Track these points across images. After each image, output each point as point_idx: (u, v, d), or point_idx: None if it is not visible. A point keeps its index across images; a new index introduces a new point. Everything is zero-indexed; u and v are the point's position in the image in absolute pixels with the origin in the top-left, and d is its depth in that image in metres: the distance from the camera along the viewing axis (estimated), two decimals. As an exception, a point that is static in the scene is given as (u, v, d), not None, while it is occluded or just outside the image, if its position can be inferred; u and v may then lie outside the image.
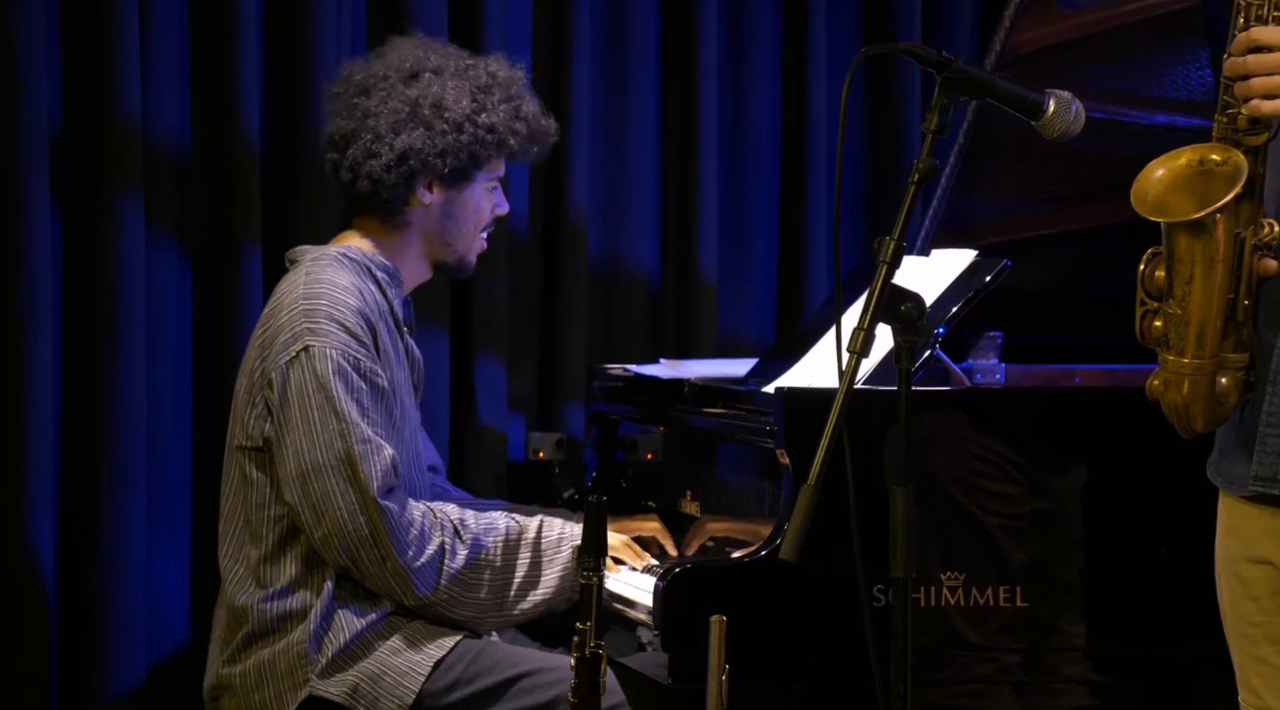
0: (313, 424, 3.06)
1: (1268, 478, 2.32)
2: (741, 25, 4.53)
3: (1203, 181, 2.27)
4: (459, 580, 3.12)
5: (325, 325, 3.09)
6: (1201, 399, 2.31)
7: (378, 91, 3.23)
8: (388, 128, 3.20)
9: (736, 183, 4.54)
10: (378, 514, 3.04)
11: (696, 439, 3.67)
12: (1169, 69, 3.73)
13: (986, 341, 3.65)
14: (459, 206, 3.29)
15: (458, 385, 4.21)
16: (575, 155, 4.28)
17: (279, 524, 3.13)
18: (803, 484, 2.21)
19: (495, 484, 4.18)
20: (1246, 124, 2.28)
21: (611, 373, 3.97)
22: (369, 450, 3.05)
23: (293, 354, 3.08)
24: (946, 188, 3.71)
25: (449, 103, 3.21)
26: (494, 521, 3.18)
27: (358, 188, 3.22)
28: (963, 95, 2.39)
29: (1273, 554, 2.35)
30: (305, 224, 3.93)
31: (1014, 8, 3.64)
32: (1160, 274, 2.31)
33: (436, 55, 3.28)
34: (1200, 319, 2.28)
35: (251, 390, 3.15)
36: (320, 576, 3.11)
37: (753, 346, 4.41)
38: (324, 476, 3.05)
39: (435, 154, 3.21)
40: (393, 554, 3.05)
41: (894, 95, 4.61)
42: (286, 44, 3.97)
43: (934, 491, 3.15)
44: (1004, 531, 3.18)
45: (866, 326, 2.26)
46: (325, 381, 3.06)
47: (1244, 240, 2.28)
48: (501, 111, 3.25)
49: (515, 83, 3.31)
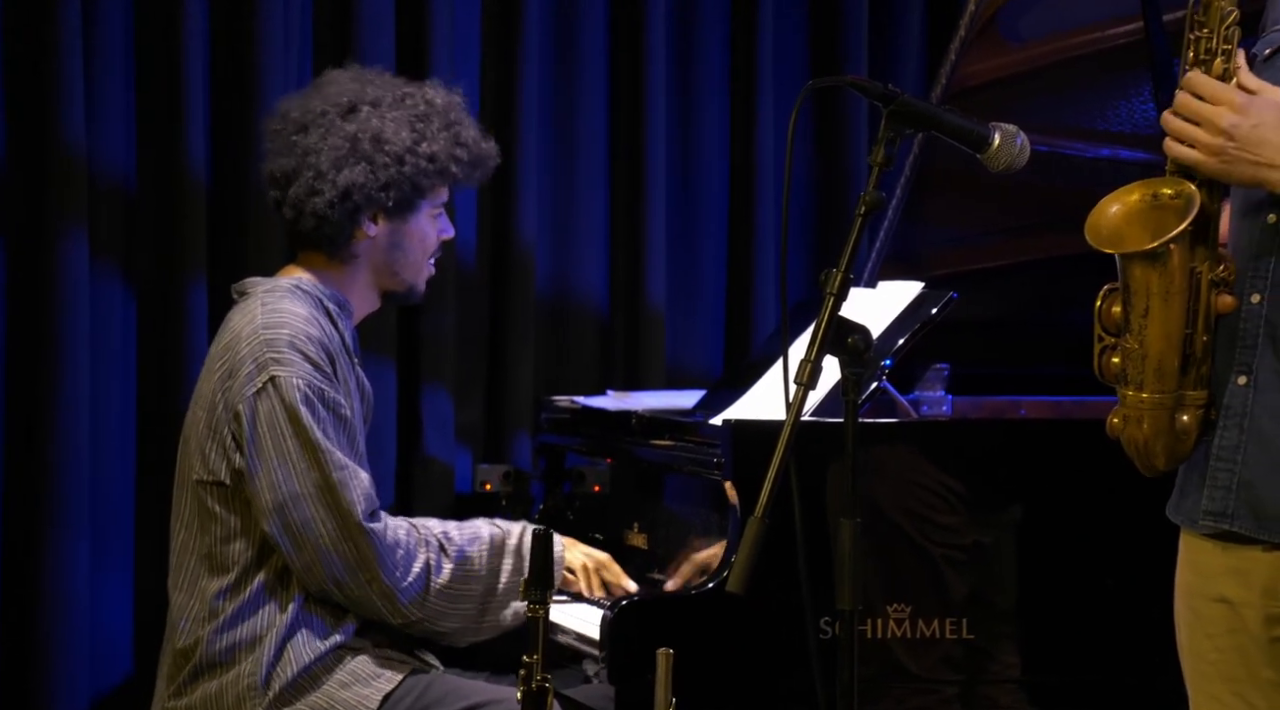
0: (286, 454, 3.05)
1: (1218, 512, 2.33)
2: (689, 57, 4.54)
3: (1156, 215, 2.29)
4: (445, 594, 3.12)
5: (289, 355, 3.08)
6: (1162, 436, 2.32)
7: (316, 128, 3.21)
8: (329, 164, 3.18)
9: (685, 214, 4.54)
10: (362, 538, 3.04)
11: (644, 471, 3.66)
12: (1113, 102, 3.76)
13: (933, 373, 3.66)
14: (405, 236, 3.28)
15: (405, 416, 4.19)
16: (523, 185, 4.28)
17: (244, 556, 3.12)
18: (750, 516, 2.21)
19: (442, 516, 4.16)
20: None
21: (559, 404, 3.97)
22: (347, 476, 3.05)
23: (259, 385, 3.07)
24: (893, 220, 3.73)
25: (389, 135, 3.20)
26: (478, 530, 3.19)
27: (301, 225, 3.21)
28: (909, 128, 2.40)
29: (1230, 592, 2.35)
30: (252, 256, 3.91)
31: (960, 41, 3.66)
32: (1117, 309, 2.31)
33: (373, 87, 3.27)
34: (1158, 352, 2.29)
35: (213, 424, 3.12)
36: (277, 607, 3.10)
37: (701, 377, 4.41)
38: (303, 505, 3.04)
39: (378, 188, 3.20)
40: (379, 576, 3.05)
41: (841, 128, 4.63)
42: (233, 75, 3.96)
43: (881, 523, 3.15)
44: (950, 563, 3.19)
45: (813, 359, 2.26)
46: (294, 411, 3.05)
47: (1200, 275, 2.29)
48: (442, 139, 3.25)
49: (454, 108, 3.30)
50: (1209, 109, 2.24)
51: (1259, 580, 2.31)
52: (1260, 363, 2.29)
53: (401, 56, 4.10)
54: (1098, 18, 3.76)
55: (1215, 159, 2.23)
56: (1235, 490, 2.31)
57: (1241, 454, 2.30)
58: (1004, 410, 3.77)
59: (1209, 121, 2.23)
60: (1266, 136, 2.23)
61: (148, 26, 3.90)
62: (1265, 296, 2.29)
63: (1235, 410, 2.31)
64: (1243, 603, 2.33)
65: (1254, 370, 2.30)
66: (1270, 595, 2.31)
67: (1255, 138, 2.22)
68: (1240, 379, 2.30)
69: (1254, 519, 2.30)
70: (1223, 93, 2.25)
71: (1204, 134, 2.23)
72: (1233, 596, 2.34)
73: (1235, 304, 2.30)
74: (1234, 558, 2.33)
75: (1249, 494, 2.30)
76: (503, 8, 4.31)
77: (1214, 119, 2.23)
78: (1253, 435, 2.30)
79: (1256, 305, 2.30)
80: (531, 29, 4.30)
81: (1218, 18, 2.29)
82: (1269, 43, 2.39)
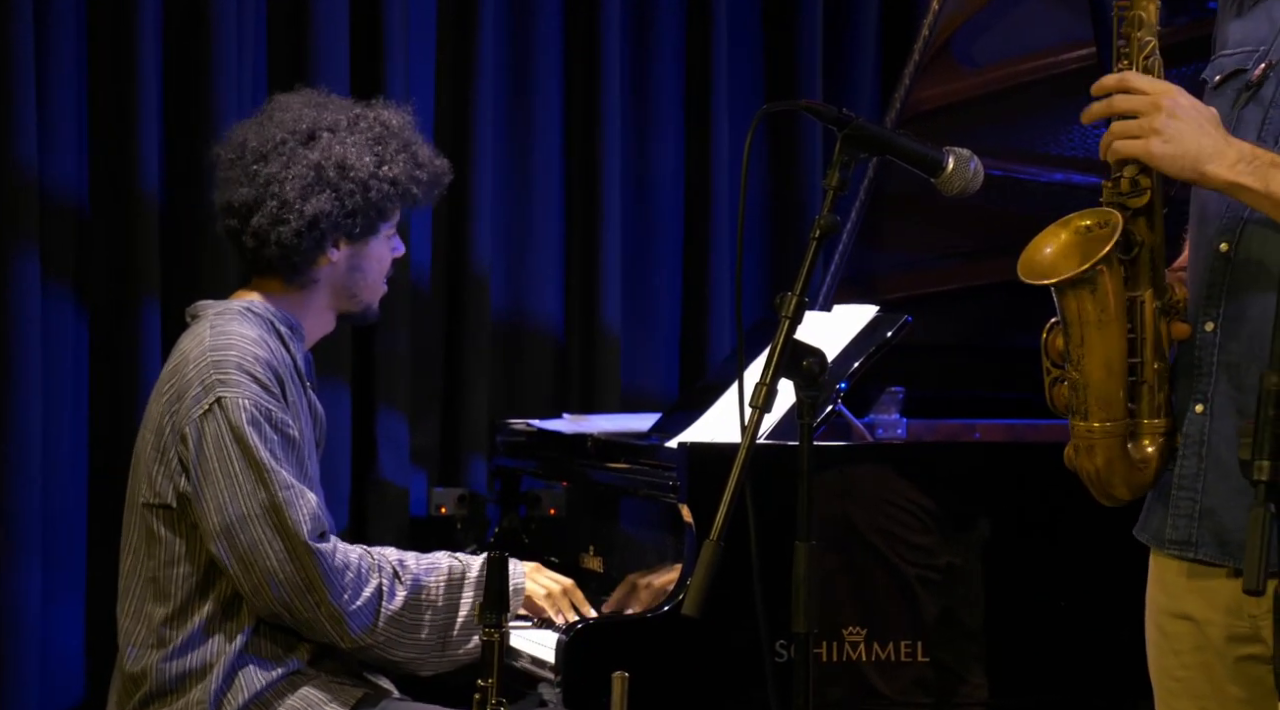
0: (233, 475, 3.03)
1: (1182, 541, 2.34)
2: (645, 80, 4.55)
3: (1085, 246, 2.31)
4: (397, 621, 3.09)
5: (236, 376, 3.06)
6: (1117, 466, 2.33)
7: (277, 157, 3.20)
8: (295, 194, 3.16)
9: (640, 237, 4.55)
10: (309, 559, 3.02)
11: (600, 494, 3.66)
12: (1066, 127, 3.78)
13: (888, 396, 3.67)
14: (364, 259, 3.27)
15: (359, 439, 4.18)
16: (478, 208, 4.28)
17: (188, 582, 3.10)
18: (705, 539, 2.21)
19: (397, 539, 4.15)
20: (1129, 187, 2.32)
21: (514, 427, 3.96)
22: (293, 496, 3.03)
23: (205, 407, 3.06)
24: (848, 243, 3.74)
25: (352, 161, 3.19)
26: (436, 561, 3.17)
27: (264, 253, 3.19)
28: (863, 152, 2.41)
29: (1194, 610, 2.36)
30: (205, 278, 3.89)
31: (914, 65, 3.68)
32: (1060, 341, 2.33)
33: (327, 111, 3.27)
34: (1098, 381, 2.30)
35: (160, 447, 3.11)
36: (225, 635, 3.08)
37: (656, 400, 4.41)
38: (250, 526, 3.02)
39: (344, 215, 3.19)
40: (326, 598, 3.03)
41: (796, 151, 4.64)
42: (187, 96, 3.95)
43: (837, 546, 3.15)
44: (906, 586, 3.19)
45: (769, 382, 2.26)
46: (241, 432, 3.03)
47: (1141, 302, 2.30)
48: (401, 161, 3.25)
49: (407, 128, 3.30)
50: (1147, 98, 2.25)
51: (1223, 600, 2.32)
52: (1216, 391, 2.31)
53: (356, 79, 4.09)
54: (1050, 43, 3.78)
55: (1159, 139, 2.24)
56: (1198, 518, 2.32)
57: (1202, 482, 2.32)
58: (958, 433, 3.78)
59: (1151, 105, 2.25)
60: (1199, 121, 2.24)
61: (100, 46, 3.88)
62: (1218, 325, 2.30)
63: (1194, 438, 2.32)
64: (1207, 621, 2.35)
65: (1210, 398, 2.31)
66: (1234, 614, 2.32)
67: (1193, 123, 2.24)
68: (1197, 407, 2.32)
69: (1218, 546, 2.31)
70: (1158, 82, 2.28)
71: (1145, 120, 2.24)
72: (1197, 615, 2.36)
73: (1189, 331, 2.31)
74: (1199, 580, 2.35)
75: (1211, 522, 2.31)
76: (458, 31, 4.31)
77: (1156, 102, 2.24)
78: (1212, 463, 2.31)
79: (1210, 333, 2.31)
80: (486, 52, 4.30)
81: (1137, 48, 2.33)
82: (1218, 68, 2.41)
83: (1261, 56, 2.35)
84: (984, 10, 3.78)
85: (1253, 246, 2.29)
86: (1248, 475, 1.79)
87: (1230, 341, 2.29)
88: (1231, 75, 2.37)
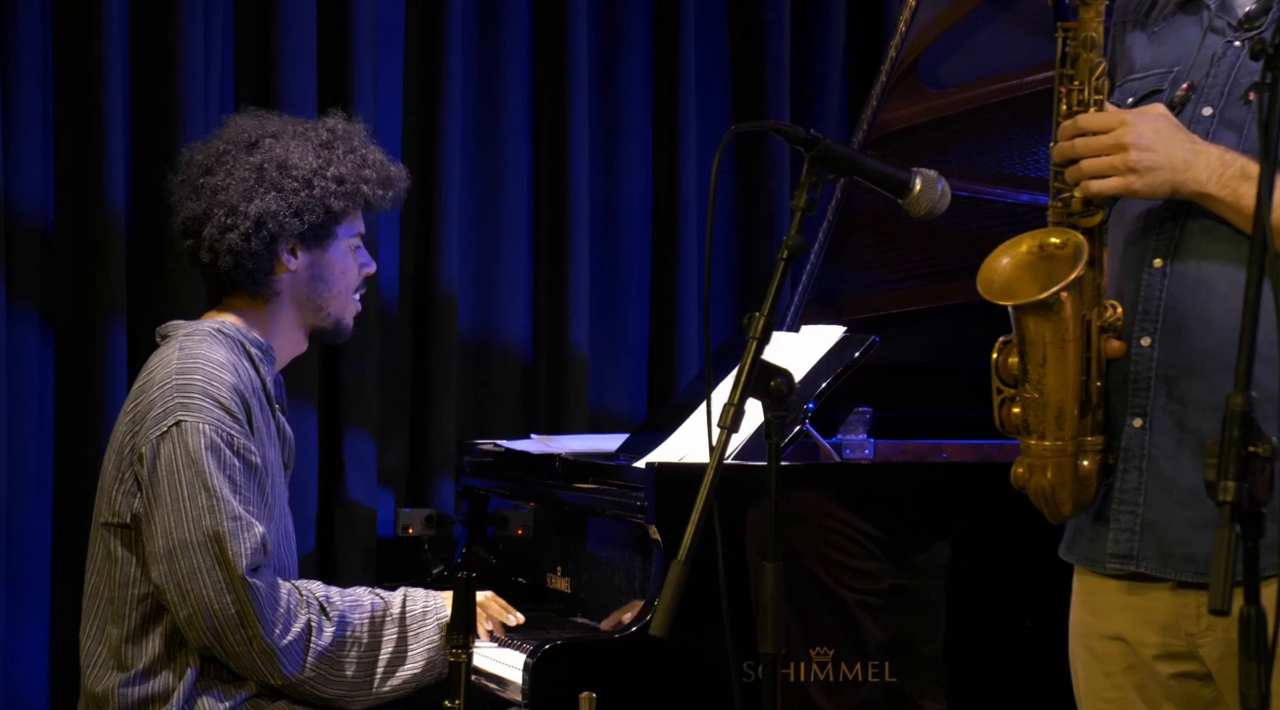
0: (182, 500, 3.01)
1: (1124, 554, 2.35)
2: (613, 101, 4.55)
3: (1045, 265, 2.32)
4: (327, 658, 3.07)
5: (199, 400, 3.05)
6: (1067, 483, 2.34)
7: (221, 167, 3.20)
8: (239, 197, 3.17)
9: (608, 257, 4.55)
10: (245, 592, 2.99)
11: (567, 514, 3.65)
12: (1032, 148, 3.79)
13: (856, 417, 3.67)
14: (325, 267, 3.26)
15: (326, 460, 4.17)
16: (446, 227, 4.28)
17: (143, 604, 3.08)
18: (673, 559, 2.21)
19: (364, 560, 4.14)
20: (1080, 206, 2.33)
21: (482, 448, 3.95)
22: (239, 527, 3.01)
23: (164, 428, 3.04)
24: (816, 264, 3.74)
25: (294, 161, 3.19)
26: (359, 598, 3.15)
27: (220, 265, 3.18)
28: (831, 173, 2.41)
29: (1125, 630, 2.37)
30: (172, 298, 3.88)
31: (881, 87, 3.69)
32: (1013, 360, 2.34)
33: (273, 122, 3.27)
34: (1057, 400, 2.31)
35: (120, 466, 3.09)
36: (183, 659, 3.06)
37: (624, 421, 4.41)
38: (191, 554, 3.00)
39: (291, 213, 3.18)
40: (259, 634, 3.01)
41: (763, 172, 4.65)
42: (153, 116, 3.94)
43: (804, 566, 3.15)
44: (873, 606, 3.19)
45: (736, 402, 2.26)
46: (197, 457, 3.01)
47: (1090, 322, 2.32)
48: (348, 162, 3.24)
49: (356, 134, 3.30)
50: (1109, 137, 2.27)
51: (1159, 617, 2.33)
52: (1154, 405, 2.32)
53: (323, 98, 4.09)
54: (1017, 65, 3.79)
55: (1136, 177, 2.26)
56: (1139, 532, 2.33)
57: (1143, 496, 2.33)
58: (926, 454, 3.78)
59: (1115, 145, 2.26)
60: (1165, 138, 2.25)
61: (66, 66, 3.88)
62: (1155, 339, 2.32)
63: (1133, 453, 2.34)
64: (1139, 641, 2.36)
65: (1148, 413, 2.32)
66: (1170, 632, 2.33)
67: (1159, 143, 2.25)
68: (1136, 422, 2.33)
69: (1160, 559, 2.32)
70: (1109, 116, 2.29)
71: (1116, 159, 2.26)
72: (1128, 634, 2.37)
73: (1124, 349, 2.33)
74: (1136, 596, 2.35)
75: (1153, 535, 2.33)
76: (426, 49, 4.31)
77: (1118, 140, 2.26)
78: (1152, 477, 2.32)
79: (1147, 348, 2.32)
80: (455, 71, 4.30)
81: (1086, 69, 2.34)
82: (1129, 92, 2.42)
83: (1179, 77, 2.37)
84: (950, 32, 3.79)
85: (1189, 261, 2.30)
86: (1213, 496, 1.80)
87: (1168, 356, 2.31)
88: (1146, 97, 2.38)
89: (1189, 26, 2.39)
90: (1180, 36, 2.39)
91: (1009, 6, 3.80)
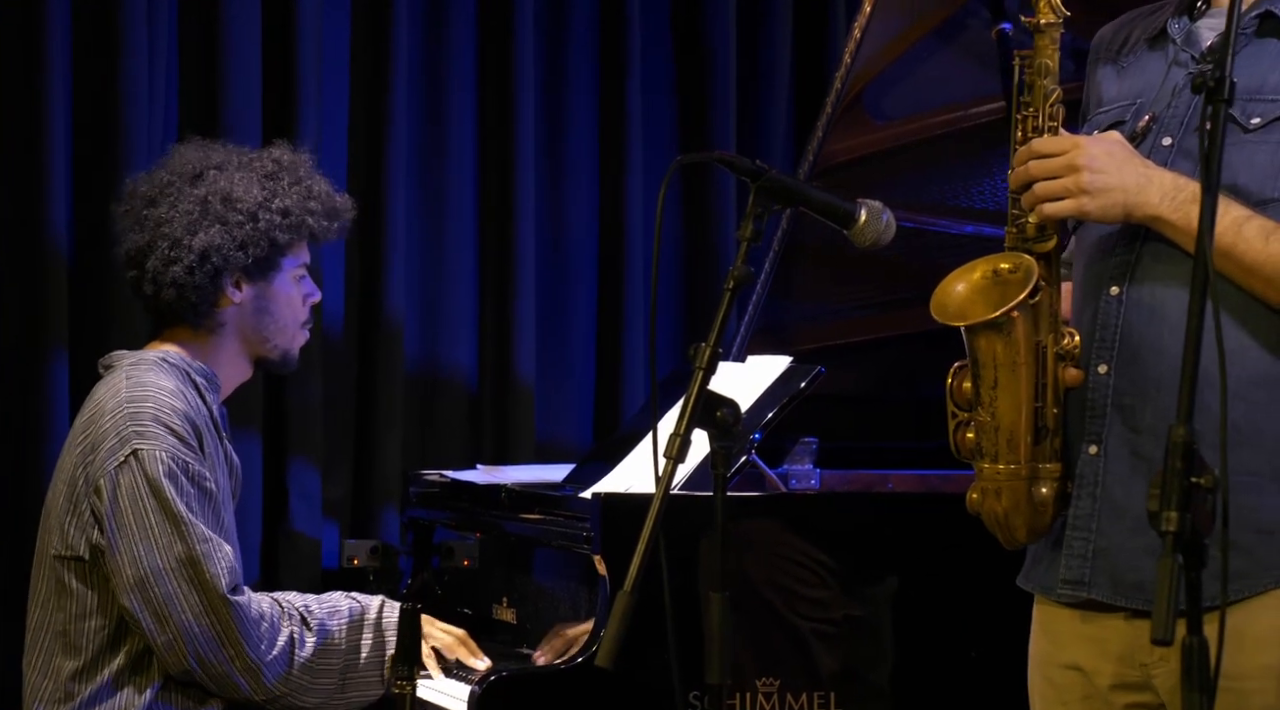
0: (149, 528, 3.00)
1: (1075, 581, 2.36)
2: (559, 130, 4.56)
3: (999, 289, 2.33)
4: (309, 667, 3.08)
5: (153, 428, 3.04)
6: (1021, 508, 2.34)
7: (165, 198, 3.19)
8: (183, 230, 3.15)
9: (554, 287, 4.55)
10: (226, 611, 2.99)
11: (513, 545, 3.64)
12: (976, 180, 3.82)
13: (802, 447, 3.68)
14: (271, 299, 3.25)
15: (271, 490, 4.14)
16: (391, 256, 4.27)
17: (99, 635, 3.06)
18: (619, 590, 2.20)
19: (309, 592, 4.11)
20: (1035, 232, 2.35)
21: (428, 478, 3.94)
22: (211, 549, 3.01)
23: (121, 458, 3.03)
24: (762, 294, 3.75)
25: (239, 194, 3.18)
26: (336, 604, 3.15)
27: (163, 297, 3.17)
28: (776, 204, 2.42)
29: (1083, 660, 2.38)
30: (114, 330, 3.85)
31: (826, 118, 3.70)
32: (967, 385, 2.35)
33: (218, 153, 3.27)
34: (1009, 423, 2.33)
35: (74, 498, 3.07)
36: (135, 688, 3.05)
37: (571, 451, 4.40)
38: (166, 580, 2.99)
39: (235, 247, 3.17)
40: (244, 650, 3.01)
41: (709, 203, 4.66)
42: (96, 146, 3.92)
43: (750, 597, 3.15)
44: (819, 637, 3.19)
45: (683, 432, 2.26)
46: (157, 485, 3.00)
47: (1045, 348, 2.33)
48: (294, 194, 3.23)
49: (302, 165, 3.29)
50: (1061, 159, 2.29)
51: (1115, 647, 2.34)
52: (1109, 432, 2.34)
53: (268, 126, 4.08)
54: (961, 97, 3.82)
55: (1089, 198, 2.28)
56: (1091, 558, 2.34)
57: (1096, 523, 2.34)
58: (872, 484, 3.79)
59: (1067, 166, 2.28)
60: (1118, 162, 2.27)
61: (8, 97, 3.85)
62: (1112, 367, 2.33)
63: (1088, 479, 2.35)
64: (1095, 671, 2.36)
65: (1104, 440, 2.34)
66: (1125, 662, 2.34)
67: (1113, 166, 2.27)
68: (1091, 448, 2.35)
69: (1111, 587, 2.33)
70: (1063, 140, 2.31)
71: (1069, 181, 2.28)
72: (1085, 664, 2.37)
73: (1082, 377, 2.34)
74: (1091, 626, 2.36)
75: (1105, 562, 2.34)
76: (371, 76, 4.31)
77: (1070, 162, 2.28)
78: (1105, 504, 2.34)
79: (1104, 376, 2.34)
80: (400, 99, 4.29)
81: (1041, 96, 2.36)
82: (1095, 125, 2.45)
83: (1141, 109, 2.39)
84: (895, 64, 3.82)
85: (1144, 289, 2.32)
86: (1156, 526, 1.81)
87: (1124, 383, 2.33)
88: (1110, 129, 2.40)
89: (1155, 60, 2.41)
90: (1146, 70, 2.42)
91: (953, 39, 3.83)
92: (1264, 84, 2.31)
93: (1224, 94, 1.97)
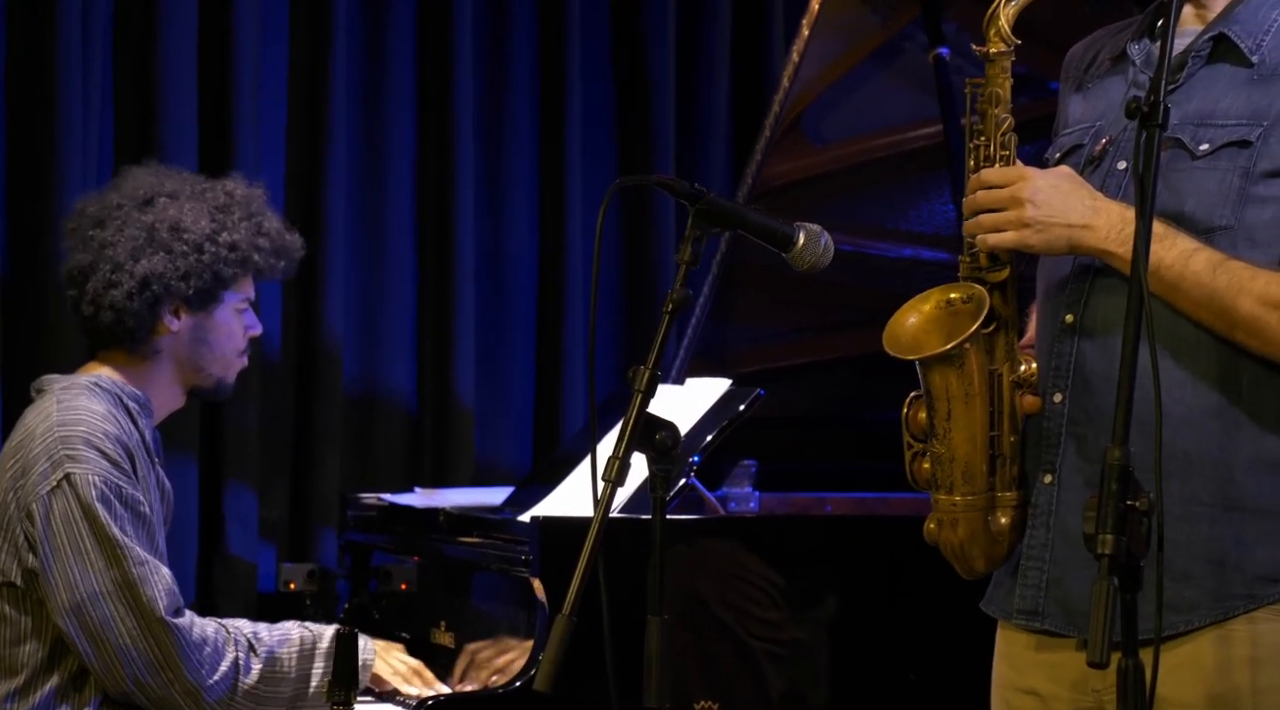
0: (84, 552, 2.97)
1: (1029, 611, 2.36)
2: (498, 153, 4.56)
3: (951, 320, 2.33)
4: (253, 695, 3.05)
5: (85, 452, 3.01)
6: (978, 538, 2.34)
7: (113, 221, 3.17)
8: (126, 255, 3.13)
9: (493, 309, 4.54)
10: (165, 634, 2.97)
11: (452, 569, 3.63)
12: (914, 203, 3.84)
13: (741, 470, 3.69)
14: (209, 330, 3.23)
15: (206, 513, 4.12)
16: (330, 278, 4.25)
17: (34, 657, 3.04)
18: (558, 613, 2.20)
19: (245, 616, 4.08)
20: (987, 261, 2.35)
21: (365, 502, 3.92)
22: (147, 572, 2.98)
23: (54, 483, 3.00)
24: (701, 317, 3.76)
25: (187, 224, 3.16)
26: (288, 632, 3.13)
27: (100, 320, 3.15)
28: (715, 227, 2.41)
29: (1040, 685, 2.38)
30: (48, 355, 3.82)
31: (765, 141, 3.71)
32: (922, 415, 2.35)
33: (171, 180, 3.24)
34: (964, 455, 2.32)
35: (6, 524, 3.04)
36: (73, 706, 3.02)
37: (510, 473, 4.39)
38: (101, 603, 2.97)
39: (178, 277, 3.15)
40: (182, 674, 2.98)
41: (648, 226, 4.67)
42: (30, 172, 3.89)
43: (690, 620, 3.15)
44: (758, 659, 3.19)
45: (622, 455, 2.26)
46: (91, 509, 2.98)
47: (1000, 376, 2.33)
48: (243, 229, 3.21)
49: (255, 200, 3.27)
50: (1006, 190, 2.29)
51: (1069, 673, 2.34)
52: (1064, 461, 2.33)
53: (204, 149, 4.06)
54: (898, 121, 3.84)
55: (1030, 231, 2.27)
56: (1045, 588, 2.34)
57: (1049, 552, 2.34)
58: (810, 506, 3.80)
59: (1011, 198, 2.28)
60: (1063, 194, 2.27)
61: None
62: (1066, 395, 2.33)
63: (1042, 508, 2.35)
64: (1051, 696, 2.36)
65: (1058, 469, 2.33)
66: (1079, 689, 2.34)
67: (1057, 199, 2.27)
68: (1046, 478, 2.34)
69: (1064, 617, 2.33)
70: (1011, 171, 2.31)
71: (1011, 214, 2.28)
72: (1043, 689, 2.37)
73: (1040, 404, 2.34)
74: (1047, 653, 2.36)
75: (1058, 591, 2.33)
76: (309, 103, 4.29)
77: (1015, 194, 2.28)
78: (1059, 533, 2.33)
79: (1059, 404, 2.34)
80: (339, 121, 4.28)
81: (993, 125, 2.36)
82: (1058, 147, 2.45)
83: (1100, 132, 2.39)
84: (833, 87, 3.83)
85: (1097, 318, 2.32)
86: (1092, 549, 1.82)
87: (1078, 413, 2.32)
88: (1070, 152, 2.41)
89: (1115, 82, 2.41)
90: (1107, 92, 2.42)
91: (891, 63, 3.85)
92: (1214, 110, 2.30)
93: (1158, 119, 1.98)
